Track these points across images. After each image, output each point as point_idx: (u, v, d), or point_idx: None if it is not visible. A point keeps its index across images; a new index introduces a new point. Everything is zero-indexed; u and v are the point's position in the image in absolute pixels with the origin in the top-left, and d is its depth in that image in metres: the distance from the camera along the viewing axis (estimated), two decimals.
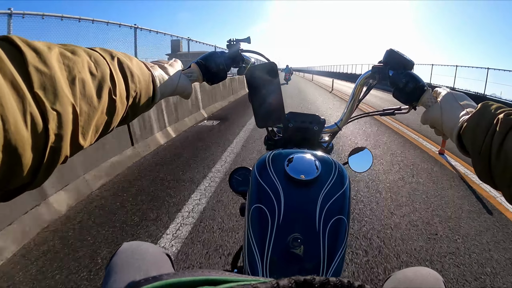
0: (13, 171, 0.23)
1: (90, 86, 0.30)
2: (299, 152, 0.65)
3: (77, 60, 0.29)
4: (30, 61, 0.24)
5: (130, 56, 0.40)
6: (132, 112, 0.40)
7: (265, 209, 0.55)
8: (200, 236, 1.87)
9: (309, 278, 0.15)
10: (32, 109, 0.23)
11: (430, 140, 4.51)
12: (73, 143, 0.28)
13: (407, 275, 0.59)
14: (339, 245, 0.52)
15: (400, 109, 0.71)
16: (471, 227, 2.11)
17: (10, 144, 0.22)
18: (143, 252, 0.60)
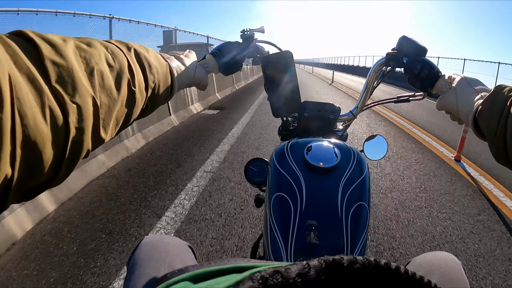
0: (34, 168, 0.22)
1: (108, 77, 0.29)
2: (317, 141, 0.64)
3: (94, 52, 0.29)
4: (46, 54, 0.23)
5: (147, 47, 0.40)
6: (151, 103, 0.39)
7: (287, 198, 0.55)
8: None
9: (338, 258, 0.15)
10: (51, 102, 0.22)
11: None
12: (94, 136, 0.28)
13: (427, 259, 0.60)
14: (361, 231, 0.53)
15: (415, 95, 0.71)
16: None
17: (30, 140, 0.21)
18: (165, 245, 0.60)
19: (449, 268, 0.56)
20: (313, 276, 0.14)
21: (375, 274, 0.15)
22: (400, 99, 0.75)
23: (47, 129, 0.22)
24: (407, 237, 1.83)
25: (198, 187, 2.37)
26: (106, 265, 1.50)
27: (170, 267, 0.54)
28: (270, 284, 0.13)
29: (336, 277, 0.14)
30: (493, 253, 1.71)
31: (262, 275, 0.14)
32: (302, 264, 0.15)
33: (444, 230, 1.91)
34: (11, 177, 0.20)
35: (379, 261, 0.15)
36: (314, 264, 0.15)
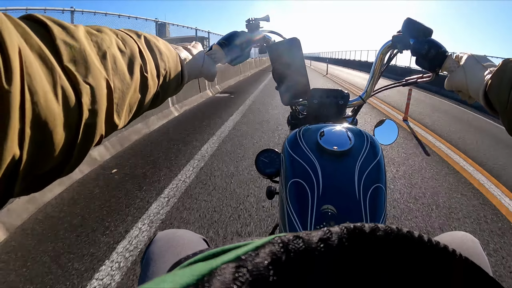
0: (44, 150, 0.21)
1: (121, 62, 0.28)
2: (329, 126, 0.64)
3: (105, 37, 0.28)
4: (57, 35, 0.23)
5: (156, 36, 0.39)
6: (163, 91, 0.39)
7: (303, 183, 0.54)
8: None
9: (359, 225, 0.15)
10: (63, 82, 0.22)
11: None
12: (108, 120, 0.27)
13: (444, 239, 0.59)
14: (379, 213, 0.52)
15: (423, 77, 0.70)
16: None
17: (40, 119, 0.20)
18: (179, 239, 0.59)
19: (468, 247, 0.55)
20: (335, 242, 0.14)
21: (398, 242, 0.14)
22: (409, 82, 0.75)
23: (58, 109, 0.21)
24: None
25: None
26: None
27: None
28: (291, 249, 0.13)
29: (358, 244, 0.14)
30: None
31: (282, 239, 0.13)
32: (324, 230, 0.14)
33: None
34: (19, 158, 0.19)
35: (401, 229, 0.15)
36: (336, 231, 0.14)
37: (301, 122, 0.82)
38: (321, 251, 0.13)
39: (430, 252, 0.15)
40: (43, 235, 1.67)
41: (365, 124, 4.45)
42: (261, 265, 0.12)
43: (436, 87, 8.57)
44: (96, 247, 1.57)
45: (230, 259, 0.13)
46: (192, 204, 2.02)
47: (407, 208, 2.10)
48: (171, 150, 3.07)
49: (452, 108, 6.43)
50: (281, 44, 0.64)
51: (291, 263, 0.13)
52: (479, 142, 3.94)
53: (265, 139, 3.51)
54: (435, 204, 2.18)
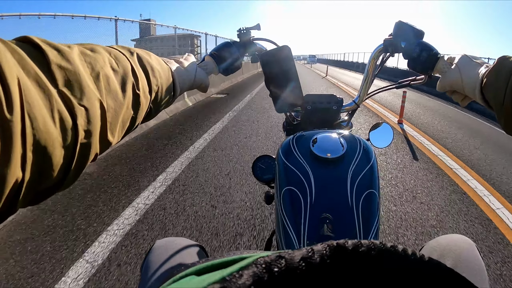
0: (44, 171, 0.23)
1: (114, 81, 0.30)
2: (323, 132, 0.65)
3: (98, 57, 0.29)
4: (52, 59, 0.24)
5: (148, 52, 0.40)
6: (155, 107, 0.40)
7: (296, 191, 0.55)
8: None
9: (342, 242, 0.15)
10: (59, 106, 0.23)
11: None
12: (102, 139, 0.28)
13: (441, 243, 0.60)
14: (373, 219, 0.53)
15: (416, 79, 0.70)
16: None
17: (40, 143, 0.21)
18: (176, 247, 0.60)
19: (464, 250, 0.55)
20: (317, 260, 0.14)
21: (381, 257, 0.14)
22: (402, 84, 0.75)
23: (56, 132, 0.22)
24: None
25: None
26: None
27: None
28: (273, 269, 0.13)
29: (340, 261, 0.14)
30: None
31: (265, 260, 0.14)
32: (306, 249, 0.15)
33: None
34: (22, 180, 0.21)
35: (385, 244, 0.15)
36: (318, 249, 0.15)
37: (296, 128, 0.83)
38: (303, 270, 0.14)
39: (414, 267, 0.15)
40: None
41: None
42: (244, 286, 0.13)
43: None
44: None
45: (216, 280, 0.14)
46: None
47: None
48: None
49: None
50: (272, 52, 0.65)
51: (273, 284, 0.13)
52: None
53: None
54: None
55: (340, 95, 0.80)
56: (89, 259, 1.53)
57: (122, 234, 1.73)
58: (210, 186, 2.35)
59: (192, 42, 9.97)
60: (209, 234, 1.76)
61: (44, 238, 1.70)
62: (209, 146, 3.33)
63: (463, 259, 0.53)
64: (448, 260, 0.54)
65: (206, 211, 2.00)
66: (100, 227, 1.80)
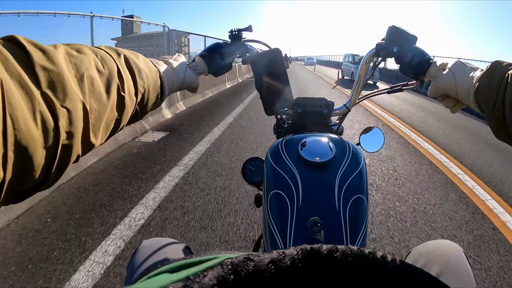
0: (25, 172, 0.23)
1: (98, 83, 0.30)
2: (312, 136, 0.64)
3: (84, 58, 0.29)
4: (37, 60, 0.24)
5: (136, 53, 0.40)
6: (141, 109, 0.40)
7: (283, 195, 0.55)
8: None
9: (316, 247, 0.14)
10: (42, 107, 0.23)
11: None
12: (84, 141, 0.28)
13: (428, 248, 0.60)
14: (360, 224, 0.53)
15: (407, 84, 0.70)
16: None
17: (21, 144, 0.21)
18: (163, 249, 0.60)
19: (451, 256, 0.56)
20: (287, 264, 0.14)
21: (357, 264, 0.14)
22: (394, 89, 0.75)
23: (38, 133, 0.23)
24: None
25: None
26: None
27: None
28: (240, 271, 0.13)
29: (313, 266, 0.14)
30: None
31: (232, 261, 0.14)
32: (278, 252, 0.14)
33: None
34: (3, 180, 0.21)
35: (363, 250, 0.15)
36: (290, 252, 0.14)
37: (286, 131, 0.82)
38: (271, 273, 0.13)
39: (393, 274, 0.14)
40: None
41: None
42: (206, 286, 0.12)
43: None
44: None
45: (180, 278, 0.14)
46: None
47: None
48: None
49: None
50: (263, 55, 0.65)
51: (238, 286, 0.13)
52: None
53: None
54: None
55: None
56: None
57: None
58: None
59: (179, 41, 9.34)
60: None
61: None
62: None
63: (451, 265, 0.54)
64: (435, 265, 0.54)
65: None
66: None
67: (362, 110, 5.84)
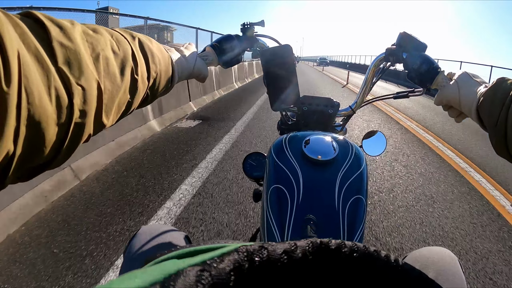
0: (36, 147, 0.23)
1: (113, 64, 0.30)
2: (316, 134, 0.65)
3: (100, 38, 0.29)
4: (54, 36, 0.24)
5: (150, 38, 0.40)
6: (152, 93, 0.40)
7: (284, 189, 0.55)
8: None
9: (326, 241, 0.15)
10: (57, 83, 0.23)
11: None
12: (96, 120, 0.28)
13: (423, 254, 0.60)
14: (358, 224, 0.53)
15: (414, 91, 0.71)
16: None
17: (34, 118, 0.21)
18: (161, 235, 0.60)
19: (445, 263, 0.56)
20: (299, 255, 0.14)
21: (363, 260, 0.15)
22: (400, 95, 0.76)
23: (51, 109, 0.22)
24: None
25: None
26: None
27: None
28: (255, 259, 0.14)
29: (322, 259, 0.14)
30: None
31: (247, 248, 0.14)
32: (290, 243, 0.15)
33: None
34: (13, 154, 0.21)
35: (368, 248, 0.15)
36: (301, 244, 0.15)
37: (290, 128, 0.82)
38: (284, 263, 0.14)
39: (395, 274, 0.15)
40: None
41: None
42: (223, 271, 0.13)
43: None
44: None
45: (196, 263, 0.14)
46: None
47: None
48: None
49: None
50: (274, 50, 0.65)
51: (253, 272, 0.13)
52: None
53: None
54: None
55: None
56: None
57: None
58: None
59: (161, 35, 8.21)
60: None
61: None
62: None
63: (445, 272, 0.54)
64: (429, 271, 0.54)
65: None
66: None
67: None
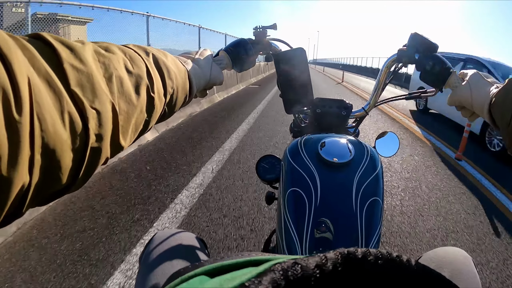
0: (53, 175, 0.22)
1: (127, 83, 0.28)
2: (331, 136, 0.64)
3: (112, 57, 0.28)
4: (65, 58, 0.23)
5: (165, 52, 0.39)
6: (170, 109, 0.38)
7: (301, 192, 0.55)
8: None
9: (352, 250, 0.15)
10: (70, 108, 0.22)
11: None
12: (113, 143, 0.27)
13: (437, 254, 0.60)
14: (375, 226, 0.53)
15: (426, 92, 0.70)
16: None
17: (49, 146, 0.20)
18: (177, 240, 0.60)
19: (460, 263, 0.56)
20: (330, 268, 0.14)
21: (388, 266, 0.15)
22: (412, 96, 0.76)
23: (66, 135, 0.21)
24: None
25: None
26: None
27: (183, 262, 0.54)
28: (290, 276, 0.14)
29: (351, 268, 0.15)
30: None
31: (282, 266, 0.14)
32: (320, 256, 0.15)
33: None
34: (29, 184, 0.20)
35: (391, 254, 0.15)
36: (331, 257, 0.15)
37: (303, 131, 0.82)
38: (317, 278, 0.14)
39: (418, 276, 0.15)
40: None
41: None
42: None
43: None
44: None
45: (235, 286, 0.14)
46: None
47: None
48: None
49: None
50: (287, 53, 0.65)
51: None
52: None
53: None
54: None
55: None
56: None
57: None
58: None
59: (56, 29, 5.16)
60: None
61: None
62: None
63: (459, 272, 0.54)
64: (444, 271, 0.55)
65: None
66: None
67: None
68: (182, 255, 0.57)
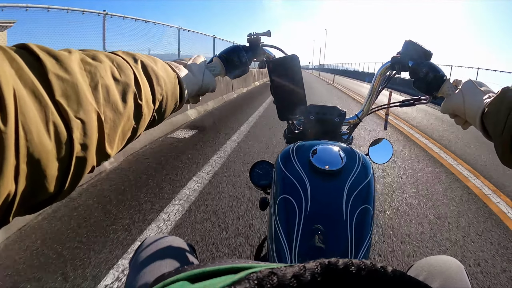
0: (38, 185, 0.22)
1: (114, 91, 0.28)
2: (323, 144, 0.64)
3: (99, 66, 0.28)
4: (50, 68, 0.23)
5: (155, 58, 0.39)
6: (159, 116, 0.38)
7: (292, 200, 0.55)
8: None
9: (333, 261, 0.15)
10: (55, 118, 0.22)
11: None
12: (99, 151, 0.27)
13: (429, 263, 0.60)
14: (365, 234, 0.53)
15: (420, 99, 0.70)
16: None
17: (34, 156, 0.20)
18: (167, 245, 0.60)
19: (452, 272, 0.56)
20: (308, 278, 0.14)
21: (370, 278, 0.15)
22: (406, 103, 0.76)
23: (51, 145, 0.22)
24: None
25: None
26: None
27: (171, 266, 0.54)
28: (265, 285, 0.14)
29: (331, 279, 0.14)
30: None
31: (257, 276, 0.14)
32: (299, 266, 0.15)
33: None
34: (14, 194, 0.20)
35: (375, 265, 0.15)
36: (310, 267, 0.15)
37: (297, 137, 0.82)
38: (294, 287, 0.14)
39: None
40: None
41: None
42: None
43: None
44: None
45: None
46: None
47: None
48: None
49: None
50: (281, 60, 0.66)
51: None
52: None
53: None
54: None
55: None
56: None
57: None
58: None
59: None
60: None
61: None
62: None
63: (451, 281, 0.54)
64: (436, 280, 0.55)
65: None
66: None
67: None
68: (170, 259, 0.57)
